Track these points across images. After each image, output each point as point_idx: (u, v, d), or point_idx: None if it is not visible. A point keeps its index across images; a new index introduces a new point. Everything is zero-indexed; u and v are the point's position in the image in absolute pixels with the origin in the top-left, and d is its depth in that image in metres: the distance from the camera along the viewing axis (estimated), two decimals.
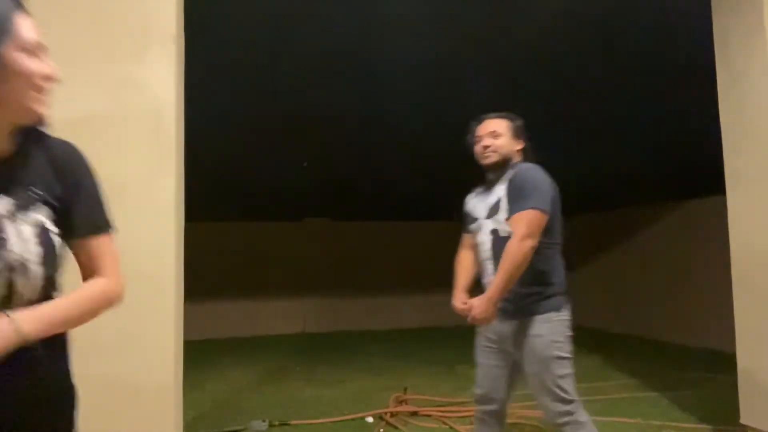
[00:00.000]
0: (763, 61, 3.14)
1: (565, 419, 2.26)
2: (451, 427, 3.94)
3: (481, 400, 2.48)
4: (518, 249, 2.17)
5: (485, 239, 2.37)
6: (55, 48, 2.55)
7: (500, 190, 2.36)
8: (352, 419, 4.12)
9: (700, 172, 5.50)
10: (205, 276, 7.63)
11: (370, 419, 4.09)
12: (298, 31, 3.82)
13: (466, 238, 2.59)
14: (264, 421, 4.00)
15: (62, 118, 2.55)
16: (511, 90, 4.75)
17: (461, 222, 2.62)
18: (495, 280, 2.22)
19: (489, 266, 2.35)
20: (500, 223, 2.31)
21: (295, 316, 9.36)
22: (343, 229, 9.50)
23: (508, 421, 3.99)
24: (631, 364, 6.03)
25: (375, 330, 9.17)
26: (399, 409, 4.16)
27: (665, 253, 7.84)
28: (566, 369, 2.29)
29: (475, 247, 2.49)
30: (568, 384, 2.28)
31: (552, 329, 2.28)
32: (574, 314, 2.40)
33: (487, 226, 2.36)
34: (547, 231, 2.27)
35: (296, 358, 6.81)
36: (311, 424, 4.06)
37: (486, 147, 2.40)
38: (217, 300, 8.70)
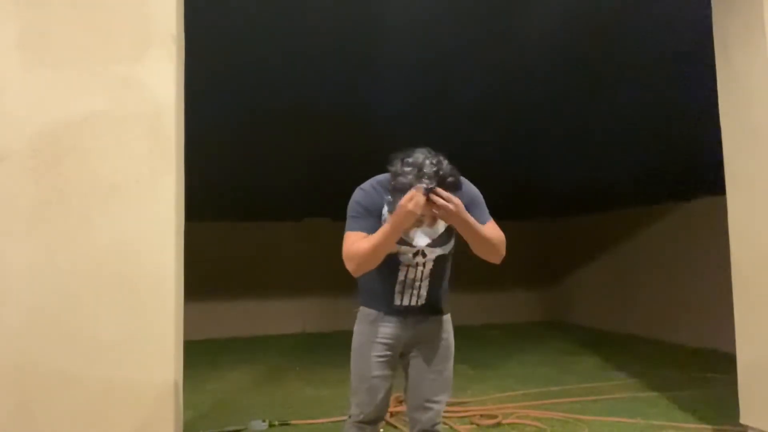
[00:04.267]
0: (763, 61, 3.14)
1: (441, 418, 2.35)
2: (451, 427, 3.94)
3: (374, 418, 2.34)
4: (503, 242, 2.14)
5: (425, 262, 2.23)
6: (55, 48, 2.57)
7: None
8: None
9: (700, 172, 5.50)
10: (205, 276, 7.63)
11: None
12: (300, 31, 3.83)
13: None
14: (264, 421, 4.01)
15: (62, 118, 2.57)
16: (509, 91, 4.75)
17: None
18: (478, 225, 2.07)
19: (424, 287, 2.23)
20: (448, 247, 2.24)
21: (295, 316, 9.35)
22: (343, 229, 9.49)
23: (507, 421, 4.03)
24: (631, 364, 6.03)
25: None
26: (399, 408, 4.15)
27: (665, 253, 7.83)
28: None
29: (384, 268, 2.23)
30: None
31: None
32: (575, 314, 2.40)
33: (434, 252, 2.23)
34: None
35: (296, 358, 6.81)
36: (311, 424, 4.06)
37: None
38: (217, 300, 8.70)
